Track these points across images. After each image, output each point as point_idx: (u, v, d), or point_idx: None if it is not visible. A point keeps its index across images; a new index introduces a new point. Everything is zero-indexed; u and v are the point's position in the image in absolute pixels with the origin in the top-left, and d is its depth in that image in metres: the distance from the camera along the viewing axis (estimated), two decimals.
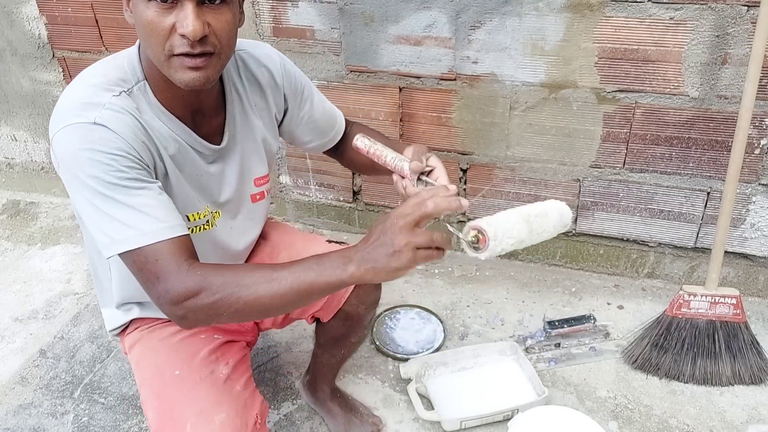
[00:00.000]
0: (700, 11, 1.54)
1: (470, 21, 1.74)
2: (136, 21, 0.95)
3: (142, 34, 0.95)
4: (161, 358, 1.19)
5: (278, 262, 1.29)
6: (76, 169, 0.93)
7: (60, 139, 0.95)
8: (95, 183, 0.93)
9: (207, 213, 1.15)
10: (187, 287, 0.91)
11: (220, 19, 0.94)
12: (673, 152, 1.75)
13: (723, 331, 1.59)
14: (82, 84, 1.00)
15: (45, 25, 2.22)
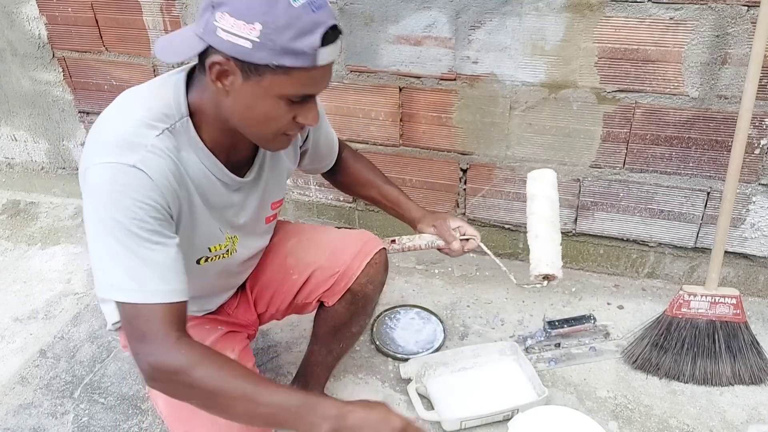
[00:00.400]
0: (700, 11, 1.54)
1: (470, 21, 1.74)
2: (245, 102, 0.97)
3: (254, 120, 0.99)
4: None
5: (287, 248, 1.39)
6: (100, 206, 0.94)
7: (95, 172, 0.95)
8: (114, 226, 0.93)
9: (228, 242, 1.18)
10: (168, 362, 0.92)
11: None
12: (673, 152, 1.75)
13: (723, 331, 1.59)
14: (127, 116, 1.00)
15: (45, 25, 2.22)
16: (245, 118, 1.00)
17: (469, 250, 1.39)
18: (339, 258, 1.35)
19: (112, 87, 2.26)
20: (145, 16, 2.06)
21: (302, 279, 1.37)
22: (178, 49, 0.98)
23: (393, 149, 2.04)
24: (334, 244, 1.38)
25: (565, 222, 1.97)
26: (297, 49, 0.90)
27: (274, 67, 0.91)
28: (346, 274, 1.35)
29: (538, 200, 1.40)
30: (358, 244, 1.37)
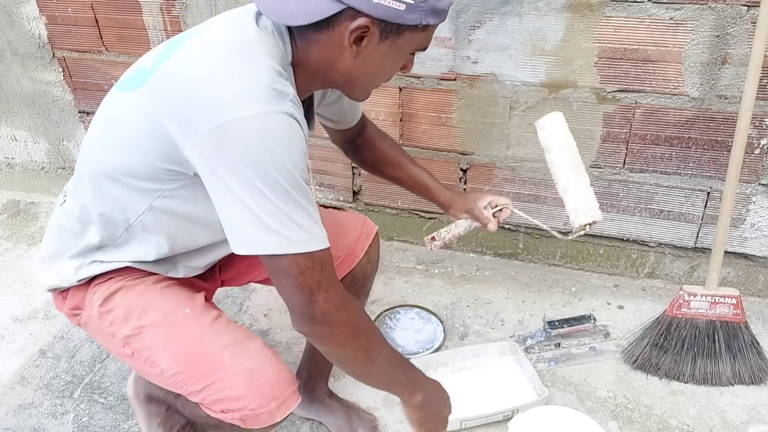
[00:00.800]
0: (700, 11, 1.54)
1: (470, 21, 1.74)
2: (374, 61, 0.99)
3: (376, 73, 1.04)
4: (159, 301, 1.13)
5: None
6: (265, 158, 0.87)
7: (248, 124, 0.87)
8: (285, 178, 0.89)
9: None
10: (344, 303, 0.99)
11: None
12: (673, 152, 1.75)
13: (723, 331, 1.59)
14: (258, 64, 0.93)
15: (45, 25, 2.22)
16: (368, 74, 1.03)
17: (505, 220, 1.40)
18: (342, 242, 1.33)
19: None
20: (145, 16, 2.06)
21: None
22: (299, 9, 0.93)
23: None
24: (336, 228, 1.34)
25: (565, 222, 1.97)
26: (440, 8, 0.96)
27: (421, 27, 0.96)
28: (350, 257, 1.35)
29: (556, 150, 1.34)
30: (358, 227, 1.37)
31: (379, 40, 0.95)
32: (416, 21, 0.94)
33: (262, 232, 0.90)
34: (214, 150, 0.89)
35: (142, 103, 0.99)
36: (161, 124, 0.95)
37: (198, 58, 0.95)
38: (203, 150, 0.90)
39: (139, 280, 1.15)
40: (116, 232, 1.12)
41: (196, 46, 0.97)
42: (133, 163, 1.02)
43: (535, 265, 2.10)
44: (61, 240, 1.18)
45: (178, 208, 1.06)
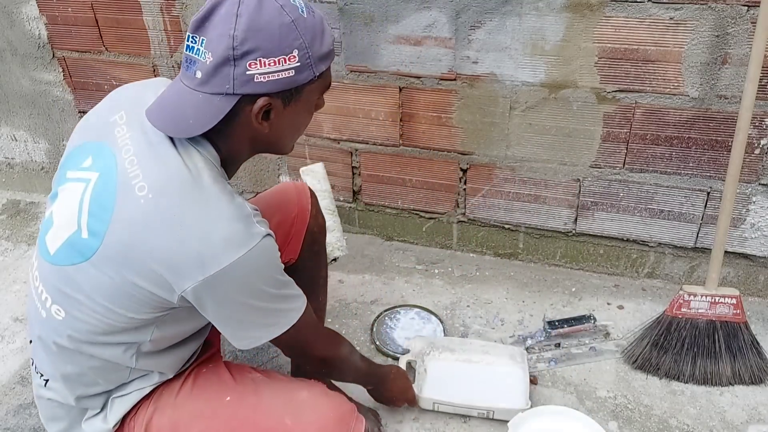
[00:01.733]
0: (700, 11, 1.54)
1: (470, 21, 1.74)
2: (288, 125, 1.03)
3: (293, 134, 1.10)
4: (198, 405, 1.14)
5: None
6: (254, 286, 0.98)
7: (235, 268, 0.93)
8: (276, 286, 1.03)
9: None
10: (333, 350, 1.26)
11: None
12: (673, 152, 1.75)
13: (723, 331, 1.59)
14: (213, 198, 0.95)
15: (45, 25, 2.22)
16: (287, 134, 1.08)
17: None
18: (288, 203, 1.40)
19: (112, 87, 2.22)
20: (145, 16, 2.06)
21: None
22: (199, 118, 0.95)
23: (393, 149, 2.04)
24: (273, 196, 1.42)
25: (565, 222, 1.97)
26: (325, 52, 0.99)
27: (316, 79, 0.99)
28: (301, 212, 1.40)
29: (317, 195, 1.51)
30: (292, 186, 1.43)
31: (284, 107, 0.99)
32: (310, 76, 0.98)
33: (261, 330, 1.04)
34: (210, 294, 0.96)
35: (105, 273, 0.97)
36: (140, 287, 0.96)
37: (154, 220, 0.93)
38: (199, 295, 0.96)
39: (166, 394, 1.15)
40: (116, 377, 1.12)
41: (139, 205, 0.94)
42: (111, 321, 1.02)
43: (535, 265, 2.10)
44: (66, 414, 1.16)
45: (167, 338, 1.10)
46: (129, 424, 1.14)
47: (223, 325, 1.03)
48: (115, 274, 0.96)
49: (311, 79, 0.98)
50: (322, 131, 2.10)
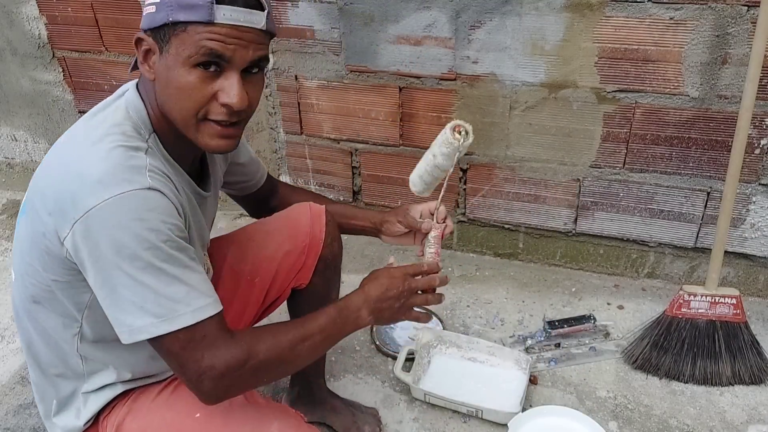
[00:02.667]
0: (700, 11, 1.54)
1: (470, 21, 1.74)
2: (164, 81, 0.92)
3: (174, 96, 0.92)
4: (169, 414, 1.08)
5: (229, 261, 1.32)
6: (128, 241, 0.85)
7: (105, 211, 0.85)
8: (151, 256, 0.87)
9: (206, 260, 1.14)
10: (235, 358, 0.92)
11: (256, 89, 0.96)
12: (673, 152, 1.75)
13: (723, 331, 1.59)
14: (105, 143, 0.91)
15: (45, 25, 2.22)
16: (167, 99, 0.94)
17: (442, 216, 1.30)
18: (299, 232, 1.32)
19: (112, 87, 2.26)
20: None
21: (269, 275, 1.32)
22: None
23: (393, 149, 2.04)
24: (285, 224, 1.34)
25: (565, 222, 1.97)
26: (191, 2, 0.87)
27: (171, 25, 0.88)
28: (314, 242, 1.32)
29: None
30: (306, 211, 1.34)
31: (160, 52, 0.92)
32: (164, 19, 0.88)
33: (139, 317, 0.88)
34: (83, 245, 0.87)
35: (24, 224, 1.00)
36: (44, 236, 0.93)
37: (48, 164, 0.97)
38: (76, 245, 0.88)
39: (143, 397, 1.10)
40: (72, 363, 1.07)
41: (49, 153, 0.99)
42: (35, 281, 0.99)
43: (535, 265, 2.10)
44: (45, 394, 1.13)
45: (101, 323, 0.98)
46: (102, 423, 1.11)
47: (101, 298, 0.90)
48: (28, 224, 0.97)
49: (165, 22, 0.88)
50: (322, 131, 2.10)
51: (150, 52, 0.93)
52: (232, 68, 0.91)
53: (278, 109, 2.12)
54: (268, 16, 0.94)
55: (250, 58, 0.92)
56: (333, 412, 1.54)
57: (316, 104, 2.04)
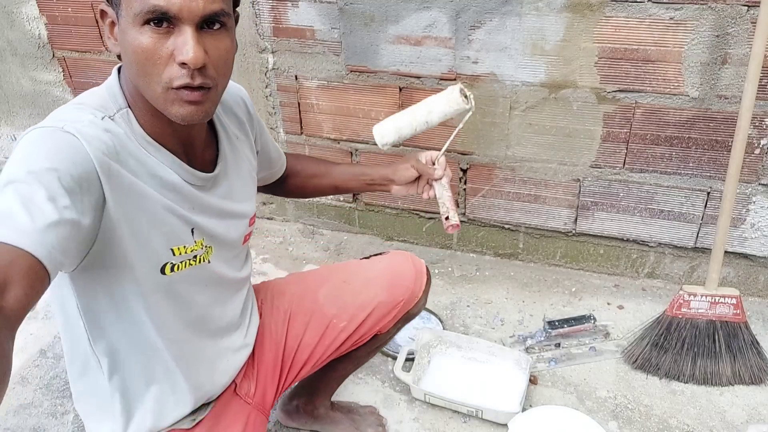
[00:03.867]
0: (700, 11, 1.54)
1: (470, 21, 1.74)
2: (124, 49, 0.86)
3: (134, 63, 0.85)
4: None
5: (318, 299, 1.28)
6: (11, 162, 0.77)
7: (20, 140, 0.81)
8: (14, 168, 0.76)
9: (198, 247, 1.01)
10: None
11: (219, 47, 0.87)
12: (673, 152, 1.75)
13: (723, 331, 1.59)
14: (56, 115, 0.87)
15: (45, 25, 2.22)
16: (129, 68, 0.87)
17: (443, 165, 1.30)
18: (399, 286, 1.30)
19: None
20: None
21: (355, 322, 1.28)
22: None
23: (393, 149, 2.04)
24: (386, 274, 1.31)
25: (565, 222, 1.97)
26: None
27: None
28: (410, 300, 1.31)
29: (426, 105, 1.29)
30: (410, 267, 1.32)
31: (117, 22, 0.86)
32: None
33: None
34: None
35: None
36: None
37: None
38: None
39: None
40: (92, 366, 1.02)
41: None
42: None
43: (535, 265, 2.10)
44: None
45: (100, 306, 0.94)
46: None
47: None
48: None
49: None
50: (322, 131, 2.10)
51: (113, 24, 0.88)
52: (183, 23, 0.82)
53: (278, 109, 2.12)
54: None
55: (202, 11, 0.82)
56: (333, 424, 1.52)
57: (316, 104, 2.04)
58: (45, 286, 0.71)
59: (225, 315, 1.13)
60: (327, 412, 1.52)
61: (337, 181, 1.37)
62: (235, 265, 1.15)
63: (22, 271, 0.67)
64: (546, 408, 1.51)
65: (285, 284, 1.36)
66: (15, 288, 0.65)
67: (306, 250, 2.23)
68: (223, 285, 1.11)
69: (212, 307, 1.09)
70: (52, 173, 0.76)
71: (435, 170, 1.27)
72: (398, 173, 1.30)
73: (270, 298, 1.32)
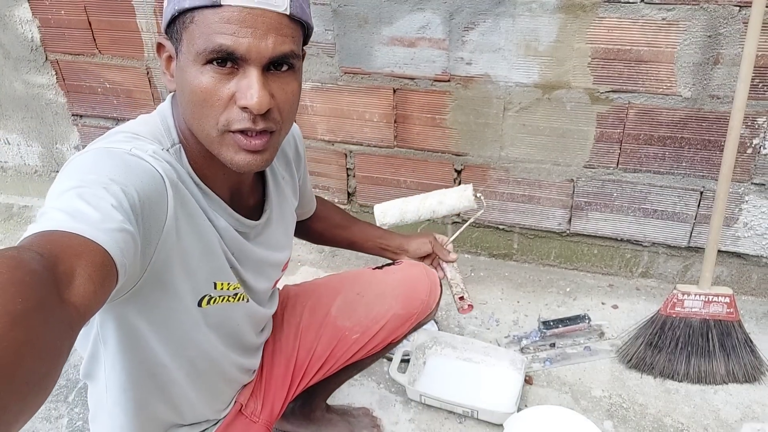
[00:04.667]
0: (692, 12, 1.55)
1: (464, 22, 1.74)
2: (182, 87, 0.81)
3: (191, 103, 0.80)
4: None
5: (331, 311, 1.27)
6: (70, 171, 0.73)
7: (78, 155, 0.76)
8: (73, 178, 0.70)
9: (238, 286, 0.99)
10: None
11: (287, 90, 0.81)
12: (666, 152, 1.76)
13: (717, 330, 1.60)
14: (113, 140, 0.82)
15: (38, 27, 2.21)
16: (185, 108, 0.82)
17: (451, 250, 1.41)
18: (414, 299, 1.28)
19: (106, 90, 2.25)
20: (138, 19, 2.06)
21: (369, 335, 1.26)
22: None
23: (387, 150, 2.04)
24: (400, 287, 1.28)
25: (559, 222, 1.98)
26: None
27: (179, 17, 0.77)
28: (423, 312, 1.30)
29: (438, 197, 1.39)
30: (425, 279, 1.30)
31: (177, 55, 0.81)
32: (172, 11, 0.78)
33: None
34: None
35: None
36: None
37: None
38: None
39: None
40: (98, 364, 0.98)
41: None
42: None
43: (529, 265, 2.11)
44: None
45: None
46: None
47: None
48: None
49: (173, 15, 0.78)
50: (316, 133, 2.10)
51: (170, 59, 0.83)
52: (250, 64, 0.76)
53: None
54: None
55: (271, 53, 0.76)
56: (330, 425, 1.52)
57: (311, 106, 2.05)
58: (114, 286, 0.63)
59: (244, 345, 1.12)
60: (323, 415, 1.52)
61: (356, 237, 1.38)
62: (264, 310, 1.13)
63: (94, 264, 0.60)
64: (541, 408, 1.51)
65: (296, 297, 1.32)
66: (84, 282, 0.57)
67: (301, 252, 2.23)
68: (249, 322, 1.09)
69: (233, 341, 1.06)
70: (115, 186, 0.70)
71: (449, 253, 1.34)
72: (413, 246, 1.35)
73: (281, 312, 1.29)
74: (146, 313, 0.86)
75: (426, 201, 1.34)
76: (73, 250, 0.59)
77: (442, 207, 1.32)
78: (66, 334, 0.53)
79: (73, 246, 0.60)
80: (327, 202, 1.42)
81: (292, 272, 2.13)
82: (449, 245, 1.39)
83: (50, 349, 0.50)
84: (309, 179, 1.26)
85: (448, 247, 1.39)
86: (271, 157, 0.85)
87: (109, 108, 2.30)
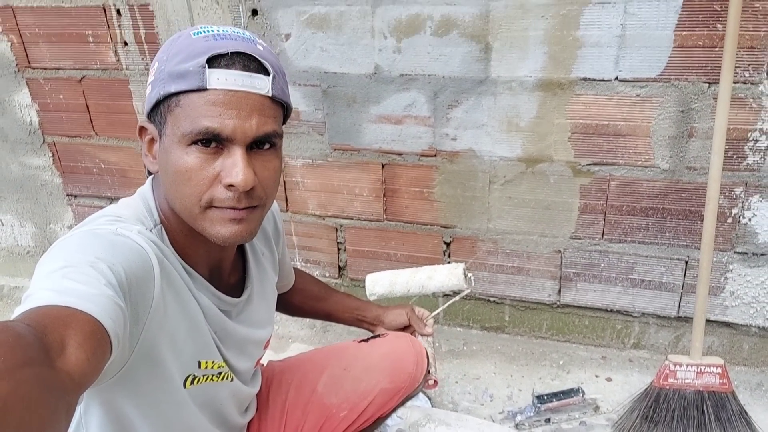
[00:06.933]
0: (664, 88, 1.62)
1: (448, 101, 1.81)
2: (165, 168, 0.82)
3: (175, 183, 0.81)
4: None
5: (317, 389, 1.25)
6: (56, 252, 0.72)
7: (58, 243, 0.76)
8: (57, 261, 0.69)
9: (223, 365, 0.98)
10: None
11: (269, 167, 0.84)
12: (649, 222, 1.79)
13: (711, 402, 1.58)
14: (96, 223, 0.82)
15: (37, 111, 2.28)
16: (168, 187, 0.83)
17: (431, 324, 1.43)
18: (402, 372, 1.28)
19: (101, 170, 2.30)
20: (134, 101, 2.13)
21: (357, 411, 1.25)
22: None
23: (377, 224, 2.07)
24: (387, 360, 1.28)
25: (549, 293, 1.98)
26: (181, 70, 0.78)
27: (165, 101, 0.80)
28: (411, 385, 1.29)
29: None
30: (411, 352, 1.30)
31: (160, 137, 0.83)
32: (157, 95, 0.80)
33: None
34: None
35: None
36: None
37: None
38: None
39: None
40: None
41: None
42: None
43: (521, 338, 2.09)
44: None
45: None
46: None
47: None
48: None
49: (158, 99, 0.80)
50: (307, 208, 2.13)
51: (153, 141, 0.85)
52: (234, 144, 0.79)
53: None
54: (275, 81, 0.81)
55: (255, 133, 0.79)
56: None
57: (302, 182, 2.09)
58: (108, 356, 0.62)
59: (228, 426, 1.09)
60: None
61: (333, 309, 1.40)
62: (248, 382, 1.11)
63: (84, 333, 0.59)
64: None
65: (281, 374, 1.30)
66: (75, 350, 0.57)
67: (292, 328, 2.22)
68: (234, 402, 1.07)
69: (218, 422, 1.04)
70: (102, 264, 0.69)
71: (426, 327, 1.35)
72: (389, 318, 1.37)
73: (266, 390, 1.26)
74: (133, 395, 0.85)
75: (416, 275, 1.35)
76: (61, 321, 0.59)
77: (432, 282, 1.33)
78: (60, 395, 0.51)
79: (62, 317, 0.60)
80: (304, 273, 1.43)
81: (282, 349, 2.11)
82: (429, 321, 1.39)
83: (42, 405, 0.48)
84: (287, 253, 1.27)
85: (428, 321, 1.39)
86: (255, 230, 0.86)
87: (104, 187, 2.33)
